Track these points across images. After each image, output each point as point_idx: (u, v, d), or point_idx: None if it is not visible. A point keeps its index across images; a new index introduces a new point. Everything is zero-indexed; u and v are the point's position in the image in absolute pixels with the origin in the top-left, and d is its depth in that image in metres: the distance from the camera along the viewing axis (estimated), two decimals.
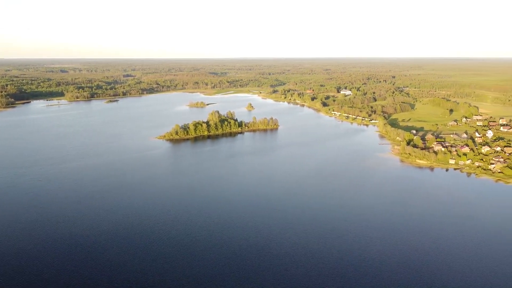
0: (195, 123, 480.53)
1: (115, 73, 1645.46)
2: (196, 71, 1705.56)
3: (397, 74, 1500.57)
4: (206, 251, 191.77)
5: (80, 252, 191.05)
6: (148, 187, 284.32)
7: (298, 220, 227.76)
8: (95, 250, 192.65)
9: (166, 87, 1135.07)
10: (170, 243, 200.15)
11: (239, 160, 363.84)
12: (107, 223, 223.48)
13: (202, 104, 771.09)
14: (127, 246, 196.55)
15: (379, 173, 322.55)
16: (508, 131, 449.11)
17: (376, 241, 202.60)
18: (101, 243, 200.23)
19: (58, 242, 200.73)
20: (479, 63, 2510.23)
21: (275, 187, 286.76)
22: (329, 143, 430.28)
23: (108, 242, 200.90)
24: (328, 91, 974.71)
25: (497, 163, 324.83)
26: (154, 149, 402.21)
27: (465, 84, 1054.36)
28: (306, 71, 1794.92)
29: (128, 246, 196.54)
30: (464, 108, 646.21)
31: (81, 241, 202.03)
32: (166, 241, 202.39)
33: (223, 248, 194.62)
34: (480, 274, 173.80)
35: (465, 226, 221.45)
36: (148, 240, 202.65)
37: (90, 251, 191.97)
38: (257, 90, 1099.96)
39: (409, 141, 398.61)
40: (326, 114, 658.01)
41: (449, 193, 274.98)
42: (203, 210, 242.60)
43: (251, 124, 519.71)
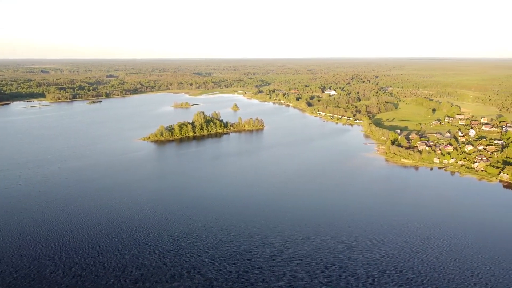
0: (180, 124, 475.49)
1: (97, 73, 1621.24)
2: (181, 72, 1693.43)
3: (380, 74, 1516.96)
4: (193, 256, 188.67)
5: (61, 257, 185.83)
6: (132, 191, 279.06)
7: (286, 222, 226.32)
8: (75, 257, 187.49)
9: (150, 88, 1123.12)
10: (154, 249, 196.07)
11: (225, 162, 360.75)
12: (87, 228, 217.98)
13: (187, 104, 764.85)
14: (109, 253, 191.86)
15: (366, 173, 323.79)
16: (490, 130, 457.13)
17: (365, 241, 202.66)
18: (81, 249, 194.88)
19: (38, 247, 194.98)
20: (459, 63, 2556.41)
21: (262, 188, 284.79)
22: (315, 143, 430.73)
23: (88, 249, 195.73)
24: (313, 91, 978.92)
25: (480, 161, 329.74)
26: (138, 150, 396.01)
27: (446, 84, 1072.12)
28: (290, 71, 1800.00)
29: (110, 253, 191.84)
30: (446, 107, 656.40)
31: (62, 246, 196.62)
32: (151, 247, 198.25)
33: (211, 251, 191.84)
34: (466, 271, 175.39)
35: (450, 225, 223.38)
36: (131, 247, 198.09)
37: (70, 257, 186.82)
38: (242, 90, 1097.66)
39: (394, 140, 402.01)
40: (311, 114, 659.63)
41: (434, 193, 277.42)
42: (189, 213, 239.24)
43: (237, 125, 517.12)
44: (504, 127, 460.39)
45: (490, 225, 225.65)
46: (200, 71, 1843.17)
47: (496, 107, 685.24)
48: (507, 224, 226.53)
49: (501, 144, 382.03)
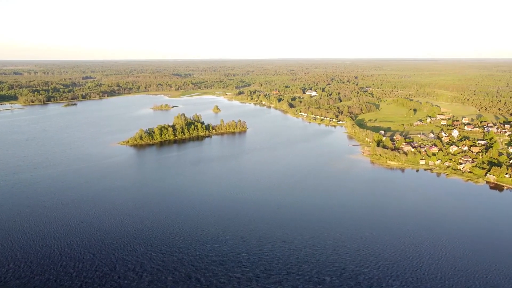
0: (160, 127, 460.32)
1: (73, 75, 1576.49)
2: (159, 73, 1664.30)
3: (359, 74, 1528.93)
4: (176, 265, 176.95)
5: (27, 274, 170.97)
6: (110, 200, 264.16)
7: (272, 230, 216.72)
8: (44, 275, 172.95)
9: (128, 90, 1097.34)
10: (134, 261, 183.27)
11: (208, 167, 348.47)
12: (62, 242, 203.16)
13: (167, 107, 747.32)
14: (84, 269, 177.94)
15: (352, 176, 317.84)
16: (472, 130, 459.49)
17: (353, 245, 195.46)
18: (54, 266, 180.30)
19: (5, 263, 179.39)
20: (434, 64, 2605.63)
21: (247, 194, 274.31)
22: (299, 146, 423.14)
23: (61, 266, 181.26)
24: (294, 92, 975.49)
25: (466, 163, 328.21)
26: (116, 156, 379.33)
27: (425, 84, 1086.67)
28: (270, 72, 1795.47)
29: (85, 269, 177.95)
30: (427, 107, 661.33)
31: (30, 263, 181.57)
32: (130, 259, 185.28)
33: (195, 261, 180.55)
34: (454, 273, 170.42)
35: (439, 228, 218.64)
36: (108, 261, 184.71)
37: (38, 275, 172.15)
38: (223, 91, 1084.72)
39: (379, 142, 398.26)
40: (293, 115, 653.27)
41: (422, 195, 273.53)
42: (171, 222, 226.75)
43: (219, 127, 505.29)
44: (486, 127, 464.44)
45: (479, 227, 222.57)
46: (179, 72, 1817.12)
47: (475, 106, 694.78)
48: (496, 226, 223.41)
49: (484, 145, 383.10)
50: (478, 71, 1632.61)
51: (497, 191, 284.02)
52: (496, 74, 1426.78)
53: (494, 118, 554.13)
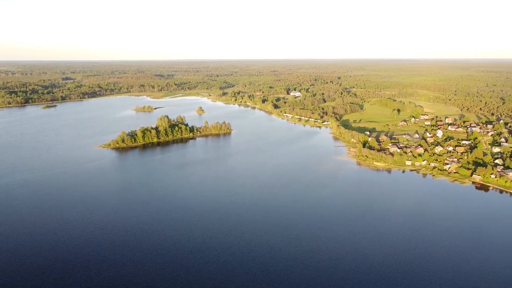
0: (143, 129, 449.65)
1: (52, 76, 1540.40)
2: (142, 73, 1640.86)
3: (342, 75, 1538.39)
4: (160, 272, 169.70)
5: None
6: (91, 206, 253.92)
7: (260, 234, 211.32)
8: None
9: (110, 91, 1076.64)
10: (115, 272, 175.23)
11: (192, 170, 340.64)
12: (39, 250, 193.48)
13: (150, 108, 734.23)
14: (63, 281, 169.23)
15: (339, 178, 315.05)
16: (456, 131, 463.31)
17: (341, 247, 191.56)
18: (29, 280, 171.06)
19: None
20: (414, 64, 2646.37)
21: (233, 198, 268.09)
22: (285, 148, 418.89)
23: (39, 278, 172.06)
24: (278, 93, 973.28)
25: (452, 163, 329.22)
26: (97, 159, 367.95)
27: (407, 84, 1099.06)
28: (254, 72, 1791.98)
29: (64, 281, 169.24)
30: (410, 107, 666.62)
31: (6, 277, 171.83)
32: (112, 270, 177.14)
33: (179, 268, 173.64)
34: (440, 273, 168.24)
35: (426, 229, 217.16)
36: (89, 270, 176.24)
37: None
38: (206, 92, 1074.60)
39: (365, 143, 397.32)
40: (278, 116, 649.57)
41: (409, 196, 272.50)
42: (155, 228, 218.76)
43: (203, 129, 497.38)
44: (469, 127, 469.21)
45: (467, 228, 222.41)
46: (162, 72, 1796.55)
47: (457, 106, 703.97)
48: (484, 226, 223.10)
49: (469, 145, 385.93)
50: (458, 72, 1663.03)
51: (483, 191, 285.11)
52: (475, 75, 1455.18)
53: (476, 118, 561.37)
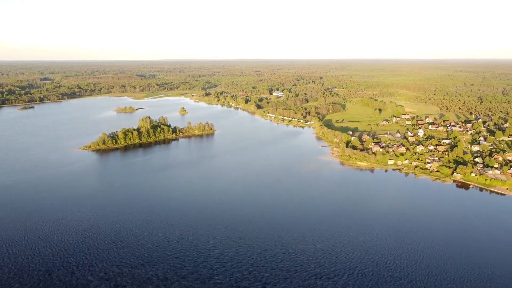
0: (124, 130, 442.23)
1: (30, 76, 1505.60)
2: (123, 74, 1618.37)
3: (324, 75, 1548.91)
4: (143, 281, 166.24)
5: None
6: (71, 210, 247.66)
7: (245, 234, 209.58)
8: None
9: (90, 91, 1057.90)
10: (96, 279, 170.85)
11: (175, 172, 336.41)
12: (11, 260, 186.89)
13: (131, 109, 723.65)
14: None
15: (323, 178, 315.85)
16: (436, 130, 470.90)
17: (330, 249, 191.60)
18: None
19: None
20: (394, 64, 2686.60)
21: (217, 200, 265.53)
22: (269, 148, 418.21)
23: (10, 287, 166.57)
24: (261, 93, 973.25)
25: (433, 162, 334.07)
26: (77, 162, 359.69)
27: (388, 84, 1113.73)
28: (236, 72, 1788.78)
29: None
30: (391, 107, 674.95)
31: None
32: (92, 276, 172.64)
33: (162, 273, 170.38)
34: (424, 272, 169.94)
35: (409, 228, 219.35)
36: (71, 278, 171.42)
37: None
38: (189, 93, 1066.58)
39: (348, 142, 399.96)
40: (261, 116, 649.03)
41: (392, 195, 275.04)
42: (138, 233, 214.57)
43: (186, 130, 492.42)
44: (449, 126, 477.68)
45: (450, 225, 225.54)
46: (144, 73, 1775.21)
47: (437, 106, 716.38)
48: (464, 226, 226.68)
49: (449, 144, 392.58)
50: (437, 72, 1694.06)
51: (464, 189, 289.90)
52: (453, 74, 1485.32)
53: (455, 117, 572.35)
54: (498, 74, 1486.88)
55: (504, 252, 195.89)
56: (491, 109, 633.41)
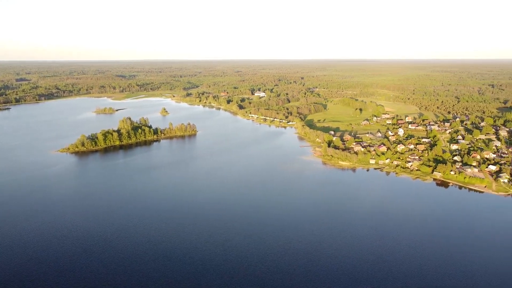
0: (104, 132, 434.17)
1: (5, 77, 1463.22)
2: (102, 74, 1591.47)
3: (305, 75, 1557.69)
4: (123, 285, 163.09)
5: None
6: (48, 215, 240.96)
7: (229, 236, 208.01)
8: None
9: (68, 92, 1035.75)
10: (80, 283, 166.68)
11: (157, 174, 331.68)
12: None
13: (111, 110, 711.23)
14: None
15: (306, 178, 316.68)
16: (416, 129, 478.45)
17: (313, 249, 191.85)
18: None
19: None
20: (374, 64, 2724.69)
21: (200, 202, 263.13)
22: (252, 148, 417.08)
23: None
24: (243, 93, 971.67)
25: (413, 161, 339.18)
26: (55, 165, 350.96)
27: (368, 84, 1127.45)
28: (217, 73, 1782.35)
29: None
30: (372, 107, 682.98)
31: None
32: (68, 285, 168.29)
33: (142, 277, 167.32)
34: (405, 269, 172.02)
35: (390, 226, 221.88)
36: (49, 284, 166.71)
37: None
38: (170, 93, 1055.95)
39: (330, 142, 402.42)
40: (243, 117, 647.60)
41: (373, 194, 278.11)
42: (119, 236, 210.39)
43: (168, 131, 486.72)
44: (428, 125, 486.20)
45: (428, 224, 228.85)
46: (124, 73, 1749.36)
47: (416, 105, 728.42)
48: (445, 223, 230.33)
49: (428, 143, 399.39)
50: (415, 72, 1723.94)
51: (443, 187, 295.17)
52: (431, 74, 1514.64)
53: (434, 116, 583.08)
54: (473, 74, 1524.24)
55: (483, 249, 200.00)
56: (468, 108, 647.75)
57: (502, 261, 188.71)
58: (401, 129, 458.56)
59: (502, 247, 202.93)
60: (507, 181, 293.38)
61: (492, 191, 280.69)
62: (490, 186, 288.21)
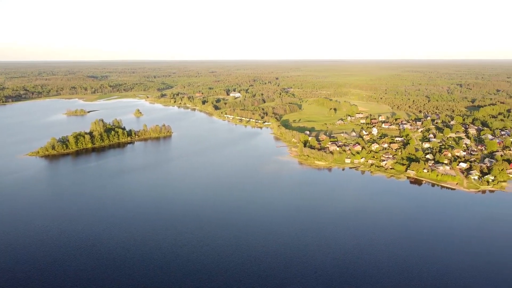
0: (75, 134, 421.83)
1: None
2: (72, 75, 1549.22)
3: (280, 75, 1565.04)
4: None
5: None
6: (16, 224, 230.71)
7: (206, 240, 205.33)
8: None
9: (37, 94, 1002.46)
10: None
11: (131, 177, 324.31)
12: None
13: (83, 111, 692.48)
14: None
15: (283, 178, 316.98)
16: (389, 128, 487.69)
17: (290, 250, 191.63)
18: None
19: None
20: (346, 64, 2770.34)
21: (176, 205, 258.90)
22: (228, 149, 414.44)
23: None
24: (218, 94, 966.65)
25: (388, 159, 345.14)
26: (24, 169, 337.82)
27: (341, 84, 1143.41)
28: (192, 73, 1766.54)
29: None
30: (346, 106, 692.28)
31: None
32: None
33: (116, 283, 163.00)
34: (393, 268, 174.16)
35: (366, 224, 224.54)
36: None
37: None
38: (144, 94, 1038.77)
39: (305, 142, 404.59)
40: (219, 117, 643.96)
41: (349, 194, 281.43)
42: (90, 243, 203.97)
43: (142, 133, 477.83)
44: (401, 124, 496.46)
45: (403, 221, 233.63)
46: (95, 74, 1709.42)
47: (388, 105, 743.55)
48: (419, 221, 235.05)
49: (402, 141, 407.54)
50: (386, 72, 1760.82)
51: (417, 185, 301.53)
52: (402, 74, 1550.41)
53: (406, 116, 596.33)
54: (442, 74, 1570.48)
55: (457, 244, 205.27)
56: (438, 108, 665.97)
57: (475, 255, 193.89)
58: (375, 128, 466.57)
59: (475, 241, 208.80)
60: (477, 178, 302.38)
61: (463, 188, 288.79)
62: (461, 183, 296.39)
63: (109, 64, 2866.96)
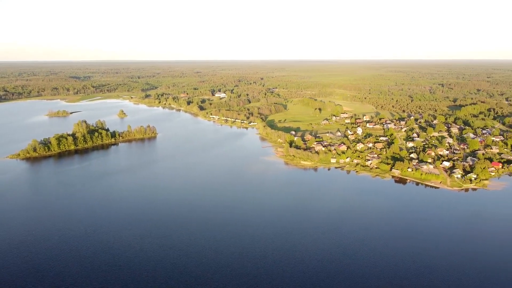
0: (58, 136, 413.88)
1: None
2: (54, 75, 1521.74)
3: (264, 76, 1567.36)
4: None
5: None
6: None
7: (193, 241, 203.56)
8: None
9: (18, 95, 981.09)
10: None
11: (115, 178, 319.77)
12: None
13: (65, 113, 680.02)
14: None
15: (269, 179, 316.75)
16: (373, 128, 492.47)
17: (278, 251, 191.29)
18: None
19: None
20: (330, 65, 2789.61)
21: (161, 208, 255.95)
22: (213, 150, 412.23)
23: None
24: (203, 94, 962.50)
25: (373, 159, 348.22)
26: (4, 173, 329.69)
27: (326, 84, 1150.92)
28: (177, 74, 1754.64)
29: None
30: (330, 106, 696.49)
31: None
32: None
33: None
34: (380, 267, 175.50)
35: (352, 224, 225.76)
36: None
37: None
38: (128, 95, 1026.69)
39: (291, 142, 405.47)
40: (204, 118, 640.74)
41: (335, 193, 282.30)
42: (72, 249, 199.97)
43: (126, 134, 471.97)
44: (385, 123, 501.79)
45: (389, 220, 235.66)
46: (78, 74, 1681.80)
47: (372, 104, 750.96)
48: (404, 219, 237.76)
49: (386, 141, 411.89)
50: (370, 72, 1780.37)
51: (402, 184, 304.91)
52: (385, 74, 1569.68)
53: (390, 115, 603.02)
54: (424, 74, 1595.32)
55: (441, 242, 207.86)
56: (421, 107, 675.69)
57: (459, 252, 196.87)
58: (360, 128, 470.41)
59: (459, 239, 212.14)
60: (460, 176, 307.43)
61: (447, 187, 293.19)
62: (445, 181, 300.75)
63: (92, 65, 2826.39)
